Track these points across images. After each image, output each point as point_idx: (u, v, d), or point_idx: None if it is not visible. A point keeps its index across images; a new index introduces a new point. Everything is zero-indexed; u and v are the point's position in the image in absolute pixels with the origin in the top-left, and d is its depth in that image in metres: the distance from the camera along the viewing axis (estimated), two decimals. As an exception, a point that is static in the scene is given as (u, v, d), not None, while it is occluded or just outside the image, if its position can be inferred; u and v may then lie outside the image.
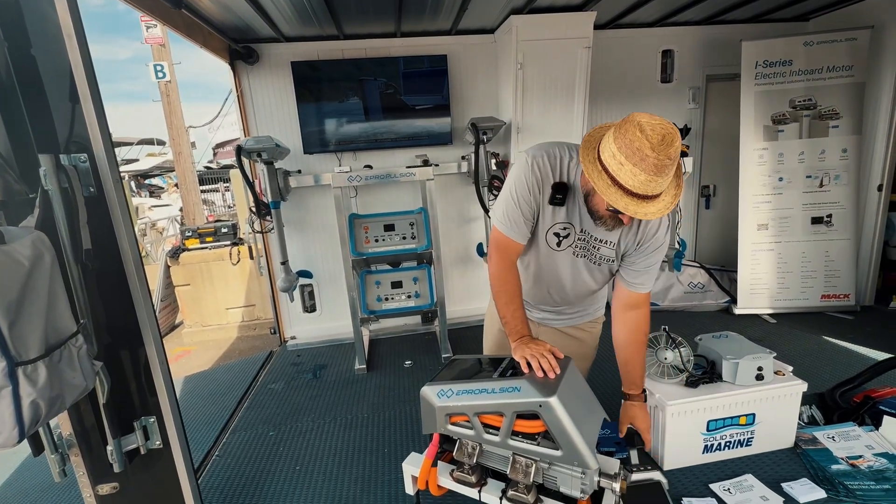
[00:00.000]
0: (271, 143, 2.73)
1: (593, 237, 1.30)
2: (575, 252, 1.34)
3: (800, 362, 2.72)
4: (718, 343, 1.53)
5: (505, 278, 1.33)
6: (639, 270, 1.34)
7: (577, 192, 1.25)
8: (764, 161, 3.33)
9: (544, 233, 1.32)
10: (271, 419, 2.54)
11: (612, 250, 1.31)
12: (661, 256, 1.31)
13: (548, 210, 1.28)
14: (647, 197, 1.01)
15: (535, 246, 1.36)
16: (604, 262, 1.34)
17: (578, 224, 1.30)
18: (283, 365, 3.26)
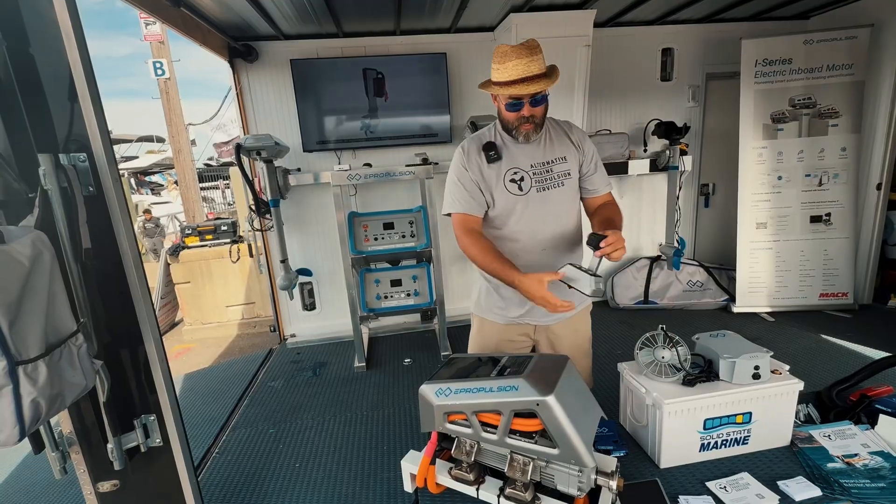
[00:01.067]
0: (270, 141, 2.73)
1: (542, 164, 1.45)
2: (538, 187, 1.43)
3: (797, 360, 2.73)
4: (716, 342, 1.54)
5: (478, 243, 1.41)
6: (590, 172, 1.51)
7: (506, 143, 1.46)
8: (763, 160, 3.33)
9: (504, 188, 1.42)
10: (271, 416, 2.55)
11: (563, 164, 1.47)
12: (594, 149, 1.52)
13: (492, 169, 1.44)
14: (527, 79, 1.30)
15: (508, 210, 1.44)
16: (565, 179, 1.46)
17: (522, 161, 1.45)
18: (283, 363, 3.27)
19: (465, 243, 1.44)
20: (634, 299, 3.68)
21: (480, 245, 1.41)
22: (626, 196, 3.84)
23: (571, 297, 1.30)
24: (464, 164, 1.46)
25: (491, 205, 1.45)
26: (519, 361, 1.27)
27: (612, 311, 3.70)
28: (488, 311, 1.58)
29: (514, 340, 1.58)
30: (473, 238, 1.43)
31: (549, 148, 1.47)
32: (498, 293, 1.55)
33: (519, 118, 1.36)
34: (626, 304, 3.69)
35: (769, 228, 3.39)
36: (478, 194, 1.44)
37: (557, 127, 1.53)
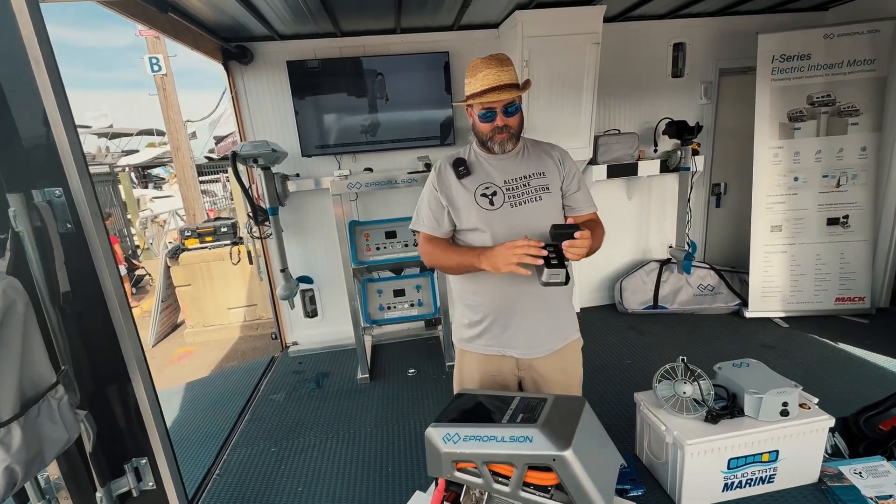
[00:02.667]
0: (267, 148, 2.63)
1: (517, 178, 1.37)
2: (512, 202, 1.35)
3: (814, 372, 2.64)
4: (739, 373, 1.45)
5: (440, 246, 1.39)
6: (573, 190, 1.43)
7: (480, 160, 1.40)
8: (779, 160, 3.21)
9: (475, 203, 1.35)
10: (272, 434, 2.49)
11: (541, 179, 1.38)
12: (577, 168, 1.45)
13: (462, 185, 1.37)
14: (498, 88, 1.27)
15: (478, 226, 1.35)
16: (543, 194, 1.37)
17: (496, 177, 1.37)
18: (285, 373, 3.21)
19: (426, 250, 1.40)
20: (643, 304, 3.58)
21: (442, 246, 1.38)
22: (636, 197, 3.72)
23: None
24: (434, 184, 1.39)
25: (461, 221, 1.37)
26: (532, 405, 1.19)
27: (620, 316, 3.62)
28: (467, 340, 1.47)
29: (496, 375, 1.45)
30: (435, 243, 1.39)
31: (527, 163, 1.40)
32: (473, 317, 1.43)
33: (493, 129, 1.32)
34: (634, 309, 3.60)
35: (784, 231, 3.27)
36: (443, 218, 1.39)
37: (537, 145, 1.47)
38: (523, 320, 1.37)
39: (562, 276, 1.14)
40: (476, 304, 1.41)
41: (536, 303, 1.36)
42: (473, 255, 1.26)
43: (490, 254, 1.22)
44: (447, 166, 1.40)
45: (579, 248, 1.15)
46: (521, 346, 1.39)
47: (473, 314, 1.42)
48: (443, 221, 1.38)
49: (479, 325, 1.41)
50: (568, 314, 1.46)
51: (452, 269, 1.37)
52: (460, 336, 1.49)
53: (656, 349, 3.06)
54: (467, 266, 1.30)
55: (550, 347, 1.41)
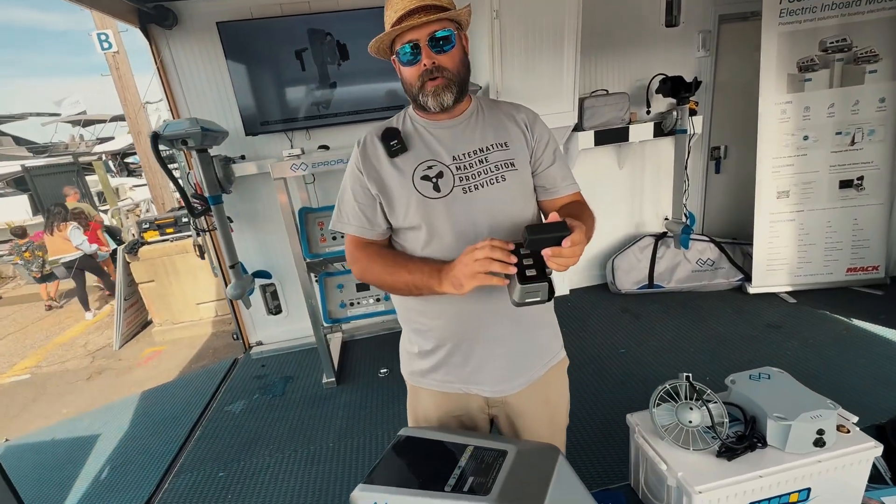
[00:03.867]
0: (196, 127, 2.24)
1: (471, 153, 1.01)
2: (465, 186, 0.99)
3: (828, 354, 2.38)
4: (759, 388, 1.14)
5: (377, 254, 1.02)
6: (546, 164, 1.07)
7: (418, 128, 1.04)
8: (787, 117, 2.85)
9: (414, 189, 0.98)
10: (223, 454, 2.20)
11: (503, 152, 1.02)
12: (551, 134, 1.09)
13: (396, 166, 1.00)
14: (419, 10, 0.93)
15: (421, 222, 0.98)
16: (507, 172, 1.01)
17: (440, 152, 1.01)
18: (245, 378, 2.92)
19: (356, 260, 1.02)
20: (638, 283, 3.29)
21: (380, 256, 1.01)
22: (627, 166, 3.37)
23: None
24: (358, 166, 1.01)
25: (396, 217, 1.00)
26: (488, 462, 0.88)
27: (612, 298, 3.32)
28: (419, 375, 1.11)
29: (461, 415, 1.11)
30: (368, 251, 1.02)
31: (483, 131, 1.03)
32: (424, 345, 1.08)
33: (421, 75, 0.94)
34: (628, 290, 3.30)
35: (792, 197, 2.95)
36: (375, 213, 1.02)
37: (496, 107, 1.09)
38: (490, 348, 1.03)
39: (542, 292, 0.80)
40: (426, 329, 1.05)
41: (507, 323, 1.03)
42: (430, 274, 0.90)
43: (450, 268, 0.87)
44: (374, 140, 1.02)
45: (568, 258, 0.80)
46: (489, 381, 1.06)
47: (424, 341, 1.07)
48: (376, 218, 1.01)
49: (431, 355, 1.07)
50: (549, 330, 1.14)
51: (399, 290, 0.99)
52: (409, 368, 1.15)
53: (653, 334, 2.77)
54: (422, 288, 0.92)
55: (528, 378, 1.08)
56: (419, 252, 1.00)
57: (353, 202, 1.02)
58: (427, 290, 0.92)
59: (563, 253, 0.78)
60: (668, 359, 2.50)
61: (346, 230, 1.04)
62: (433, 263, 0.93)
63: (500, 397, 1.08)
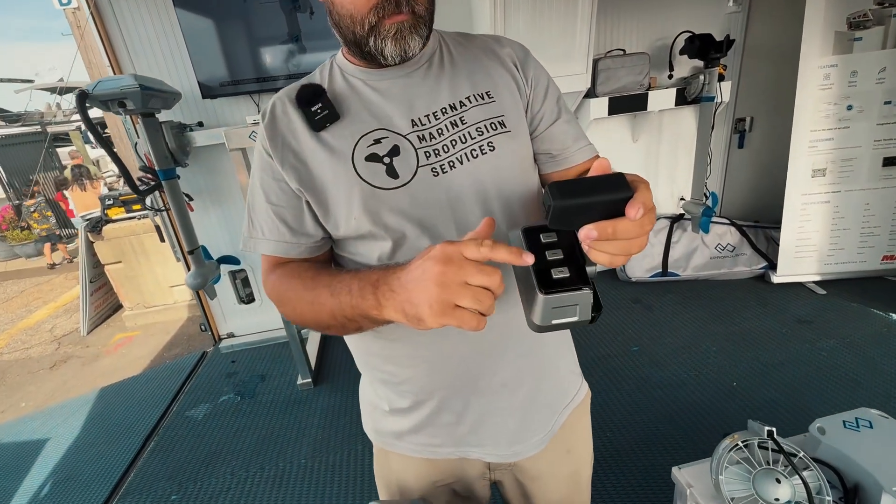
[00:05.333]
0: (134, 84, 1.84)
1: (438, 112, 0.66)
2: (434, 165, 0.64)
3: (870, 355, 2.10)
4: (860, 442, 0.84)
5: (300, 279, 0.65)
6: (550, 118, 0.71)
7: (352, 83, 0.67)
8: (830, 83, 2.48)
9: (356, 177, 0.63)
10: (179, 471, 1.91)
11: (488, 105, 0.67)
12: (545, 71, 0.74)
13: (324, 143, 0.64)
14: None
15: (370, 225, 0.64)
16: (497, 136, 0.66)
17: (392, 115, 0.65)
18: (212, 376, 2.61)
19: (274, 287, 0.67)
20: (651, 271, 2.98)
21: (297, 274, 0.65)
22: (643, 138, 3.00)
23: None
24: (266, 147, 0.66)
25: (333, 221, 0.65)
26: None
27: (622, 287, 3.02)
28: (393, 437, 0.78)
29: (453, 483, 0.80)
30: (288, 274, 0.66)
31: (453, 79, 0.68)
32: (397, 402, 0.75)
33: (377, 5, 0.57)
34: (639, 277, 2.99)
35: (828, 176, 2.61)
36: (298, 216, 0.66)
37: (467, 42, 0.73)
38: (495, 399, 0.71)
39: (583, 305, 0.47)
40: (397, 381, 0.73)
41: (517, 359, 0.70)
42: (361, 292, 0.55)
43: (399, 283, 0.52)
44: (287, 107, 0.66)
45: (630, 241, 0.44)
46: (494, 442, 0.74)
47: (396, 397, 0.74)
48: (302, 226, 0.67)
49: (408, 413, 0.74)
50: (569, 357, 0.82)
51: (327, 325, 0.62)
52: (376, 426, 0.81)
53: (669, 329, 2.48)
54: (355, 318, 0.57)
55: (549, 432, 0.77)
56: (374, 255, 0.66)
57: (266, 204, 0.67)
58: (364, 320, 0.57)
59: (623, 231, 0.42)
60: (687, 359, 2.22)
61: (261, 248, 0.68)
62: (368, 274, 0.56)
63: (506, 463, 0.77)
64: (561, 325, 0.48)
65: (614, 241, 0.43)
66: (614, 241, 0.43)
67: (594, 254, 0.45)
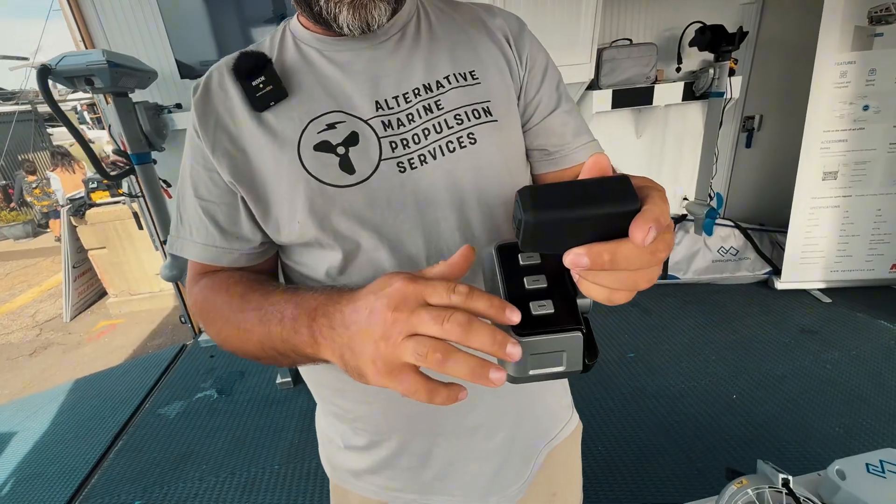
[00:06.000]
0: (101, 60, 1.71)
1: (406, 95, 0.54)
2: (401, 160, 0.52)
3: (877, 370, 2.00)
4: (884, 491, 0.73)
5: (229, 295, 0.52)
6: (548, 107, 0.59)
7: (306, 51, 0.55)
8: (846, 81, 2.35)
9: (303, 172, 0.51)
10: (145, 474, 1.81)
11: (471, 87, 0.55)
12: (544, 51, 0.61)
13: (266, 127, 0.52)
14: None
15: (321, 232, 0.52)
16: (479, 126, 0.54)
17: (352, 94, 0.53)
18: (188, 372, 2.50)
19: (197, 301, 0.55)
20: (649, 273, 2.86)
21: (225, 288, 0.53)
22: (646, 134, 2.87)
23: None
24: (196, 127, 0.53)
25: (273, 223, 0.53)
26: None
27: (619, 288, 2.90)
28: (350, 474, 0.67)
29: None
30: (215, 286, 0.54)
31: (430, 53, 0.56)
32: (354, 439, 0.64)
33: None
34: (638, 279, 2.88)
35: (840, 180, 2.49)
36: (232, 215, 0.54)
37: (451, 9, 0.60)
38: (466, 444, 0.60)
39: (573, 352, 0.35)
40: (351, 417, 0.62)
41: (493, 402, 0.59)
42: (295, 325, 0.43)
43: (342, 319, 0.39)
44: (224, 80, 0.54)
45: (635, 269, 0.31)
46: (465, 492, 0.63)
47: (351, 434, 0.63)
48: (236, 227, 0.54)
49: (365, 453, 0.63)
50: (555, 390, 0.70)
51: (255, 356, 0.50)
52: (332, 461, 0.70)
53: (667, 335, 2.38)
54: (287, 353, 0.45)
55: (529, 476, 0.66)
56: (326, 269, 0.54)
57: (194, 200, 0.54)
58: (297, 356, 0.45)
59: (625, 259, 0.30)
60: (686, 368, 2.12)
61: (187, 252, 0.56)
62: (306, 298, 0.44)
63: None
64: (541, 376, 0.36)
65: (613, 272, 0.31)
66: (613, 273, 0.31)
67: (586, 286, 0.33)
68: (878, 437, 1.66)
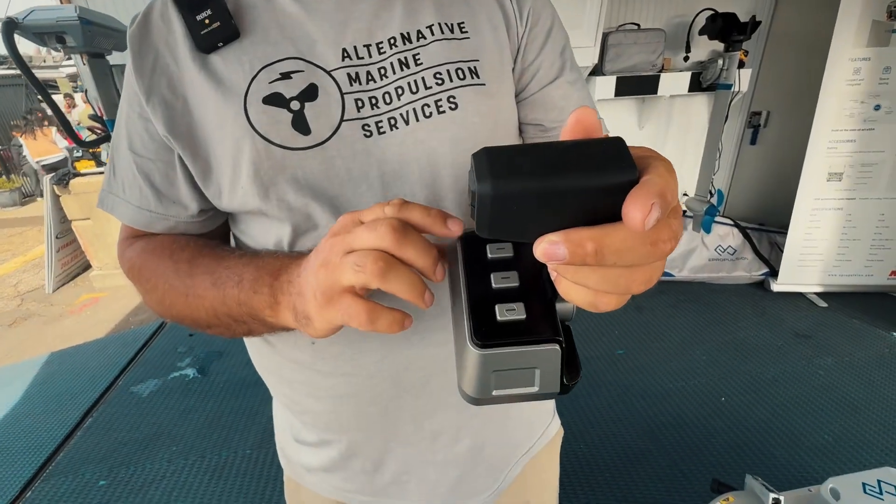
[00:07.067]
0: (72, 16, 1.60)
1: (379, 45, 0.45)
2: (367, 122, 0.44)
3: (871, 378, 1.95)
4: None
5: (172, 260, 0.46)
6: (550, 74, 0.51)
7: None
8: (859, 79, 2.26)
9: (248, 129, 0.42)
10: (112, 454, 1.75)
11: (453, 45, 0.46)
12: (555, 19, 0.52)
13: (210, 73, 0.43)
14: None
15: (262, 206, 0.44)
16: (461, 88, 0.45)
17: (313, 42, 0.44)
18: (166, 349, 2.43)
19: (132, 264, 0.48)
20: (644, 268, 2.80)
21: (168, 251, 0.47)
22: (649, 126, 2.78)
23: None
24: (132, 68, 0.43)
25: (213, 186, 0.45)
26: None
27: (613, 283, 2.84)
28: (304, 469, 0.60)
29: None
30: (150, 248, 0.48)
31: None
32: (305, 434, 0.57)
33: None
34: (632, 274, 2.82)
35: (845, 181, 2.42)
36: (168, 174, 0.46)
37: None
38: (425, 450, 0.53)
39: (548, 370, 0.27)
40: (299, 411, 0.55)
41: (457, 406, 0.51)
42: (256, 286, 0.38)
43: (298, 271, 0.36)
44: (170, 10, 0.44)
45: (631, 265, 0.22)
46: (422, 499, 0.56)
47: (301, 427, 0.57)
48: (172, 189, 0.47)
49: (316, 449, 0.56)
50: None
51: (212, 327, 0.44)
52: (285, 452, 0.63)
53: (658, 334, 2.32)
54: (240, 319, 0.41)
55: (498, 486, 0.59)
56: (273, 238, 0.47)
57: (128, 154, 0.46)
58: (254, 322, 0.40)
59: (614, 251, 0.21)
60: (675, 368, 2.06)
61: (118, 212, 0.49)
62: (269, 260, 0.40)
63: None
64: (508, 396, 0.28)
65: (599, 268, 0.22)
66: (600, 270, 0.22)
67: (564, 286, 0.24)
68: (868, 447, 1.61)
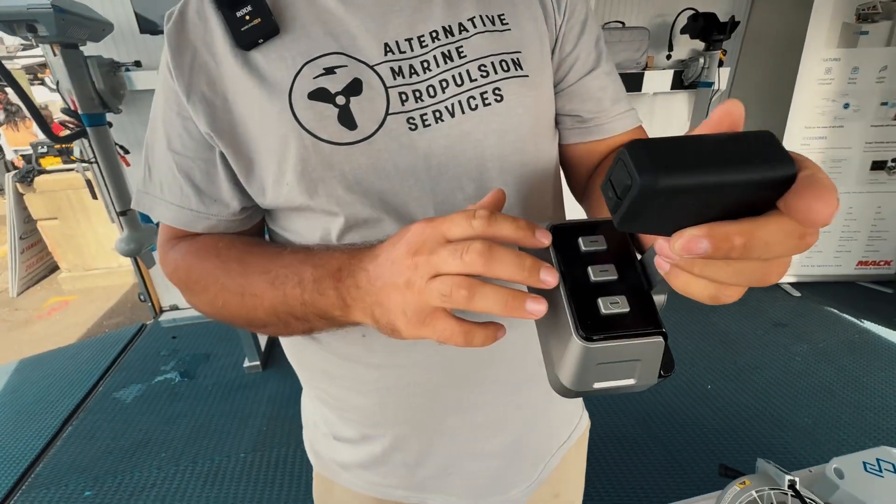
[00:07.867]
0: (44, 4, 1.52)
1: (421, 38, 0.44)
2: (412, 115, 0.43)
3: (842, 363, 2.06)
4: (882, 491, 0.71)
5: (221, 261, 0.45)
6: (587, 67, 0.50)
7: None
8: (830, 78, 2.37)
9: (294, 125, 0.41)
10: (96, 463, 1.68)
11: (496, 37, 0.46)
12: (588, 11, 0.51)
13: (252, 69, 0.42)
14: None
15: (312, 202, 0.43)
16: (506, 78, 0.45)
17: (356, 34, 0.43)
18: (149, 353, 2.35)
19: (175, 266, 0.47)
20: (629, 262, 2.87)
21: (216, 252, 0.45)
22: (632, 123, 2.83)
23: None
24: (171, 66, 0.42)
25: (256, 183, 0.45)
26: None
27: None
28: (339, 465, 0.59)
29: None
30: (196, 250, 0.46)
31: None
32: (344, 430, 0.56)
33: None
34: (617, 268, 2.88)
35: (816, 176, 2.53)
36: (209, 173, 0.45)
37: None
38: (469, 442, 0.53)
39: (646, 362, 0.28)
40: (342, 407, 0.54)
41: (503, 398, 0.52)
42: (320, 287, 0.37)
43: (367, 277, 0.34)
44: (206, 7, 0.43)
45: (771, 258, 0.21)
46: (465, 492, 0.57)
47: (341, 424, 0.56)
48: (213, 188, 0.45)
49: (355, 445, 0.56)
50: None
51: (268, 325, 0.43)
52: (317, 449, 0.61)
53: (644, 325, 2.38)
54: (304, 318, 0.39)
55: (536, 480, 0.60)
56: (311, 234, 0.47)
57: (167, 153, 0.45)
58: (320, 321, 0.39)
59: (763, 244, 0.20)
60: (662, 358, 2.12)
61: (158, 213, 0.47)
62: (327, 258, 0.38)
63: None
64: (606, 389, 0.29)
65: (738, 261, 0.22)
66: (737, 263, 0.22)
67: (682, 280, 0.24)
68: (844, 428, 1.71)
